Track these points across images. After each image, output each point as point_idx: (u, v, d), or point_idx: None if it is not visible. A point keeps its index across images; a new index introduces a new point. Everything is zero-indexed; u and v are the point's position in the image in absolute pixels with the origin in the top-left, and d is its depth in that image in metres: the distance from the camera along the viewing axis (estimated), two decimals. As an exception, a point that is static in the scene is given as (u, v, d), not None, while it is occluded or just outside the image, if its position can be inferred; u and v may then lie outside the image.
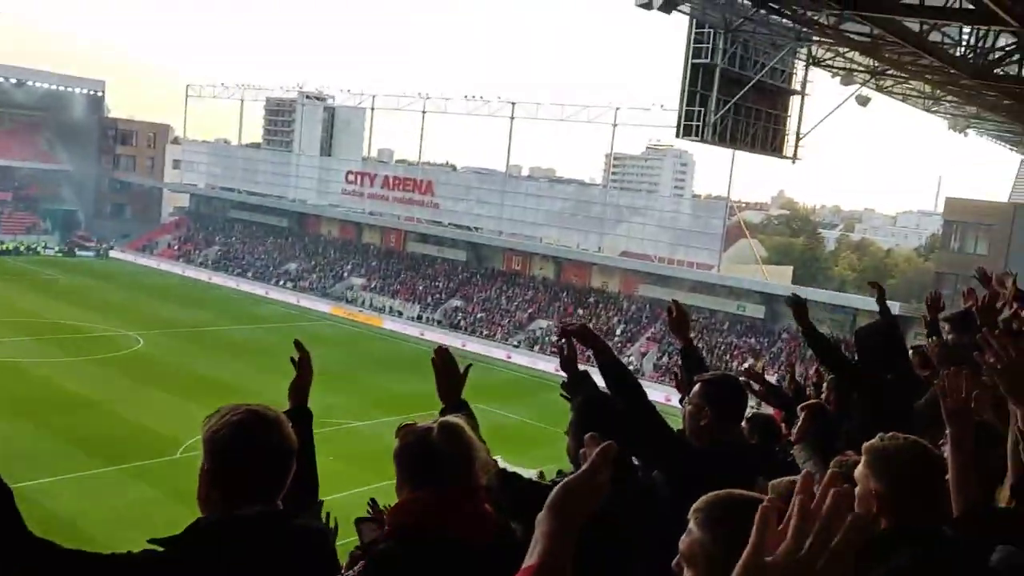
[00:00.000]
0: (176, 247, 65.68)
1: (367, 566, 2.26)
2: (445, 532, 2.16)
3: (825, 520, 1.00)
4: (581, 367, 3.55)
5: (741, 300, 43.99)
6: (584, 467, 1.38)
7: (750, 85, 27.24)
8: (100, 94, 72.91)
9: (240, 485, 2.05)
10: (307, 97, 73.98)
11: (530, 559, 1.29)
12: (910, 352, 5.68)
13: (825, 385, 5.62)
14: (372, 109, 61.91)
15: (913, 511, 2.09)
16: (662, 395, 36.27)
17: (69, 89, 69.68)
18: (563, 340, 3.57)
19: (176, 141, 76.05)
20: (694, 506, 1.53)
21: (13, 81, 66.35)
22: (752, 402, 4.57)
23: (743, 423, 4.32)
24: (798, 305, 4.70)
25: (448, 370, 3.10)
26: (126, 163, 73.98)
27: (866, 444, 2.23)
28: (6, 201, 64.95)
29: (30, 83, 67.19)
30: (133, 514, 19.27)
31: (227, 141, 77.96)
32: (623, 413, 3.23)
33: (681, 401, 4.48)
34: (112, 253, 64.41)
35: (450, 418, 2.34)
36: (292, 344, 3.11)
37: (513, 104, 53.02)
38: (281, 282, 57.64)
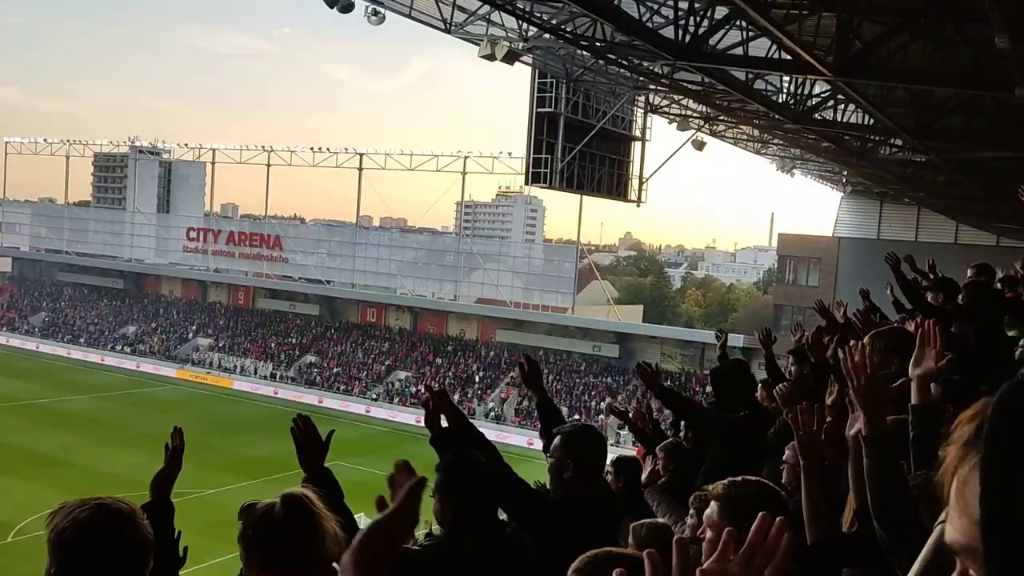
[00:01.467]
0: (-3, 315, 60.43)
1: None
2: None
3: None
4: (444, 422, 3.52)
5: (596, 341, 45.22)
6: (392, 506, 1.30)
7: (593, 132, 28.48)
8: (-97, 152, 66.46)
9: None
10: (140, 151, 70.45)
11: None
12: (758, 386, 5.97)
13: (684, 424, 5.76)
14: (212, 163, 59.87)
15: None
16: (524, 439, 36.61)
17: None
18: (427, 396, 3.55)
19: (-6, 201, 70.25)
20: (572, 565, 1.58)
21: None
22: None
23: (608, 466, 4.35)
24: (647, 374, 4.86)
25: (309, 439, 2.95)
26: (-65, 226, 67.51)
27: (715, 490, 2.27)
28: None
29: None
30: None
31: (52, 200, 72.80)
32: (488, 472, 3.19)
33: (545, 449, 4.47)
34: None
35: (295, 490, 2.23)
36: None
37: (361, 155, 52.76)
38: (118, 347, 54.04)
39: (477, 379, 45.83)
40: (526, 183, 31.26)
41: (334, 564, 2.21)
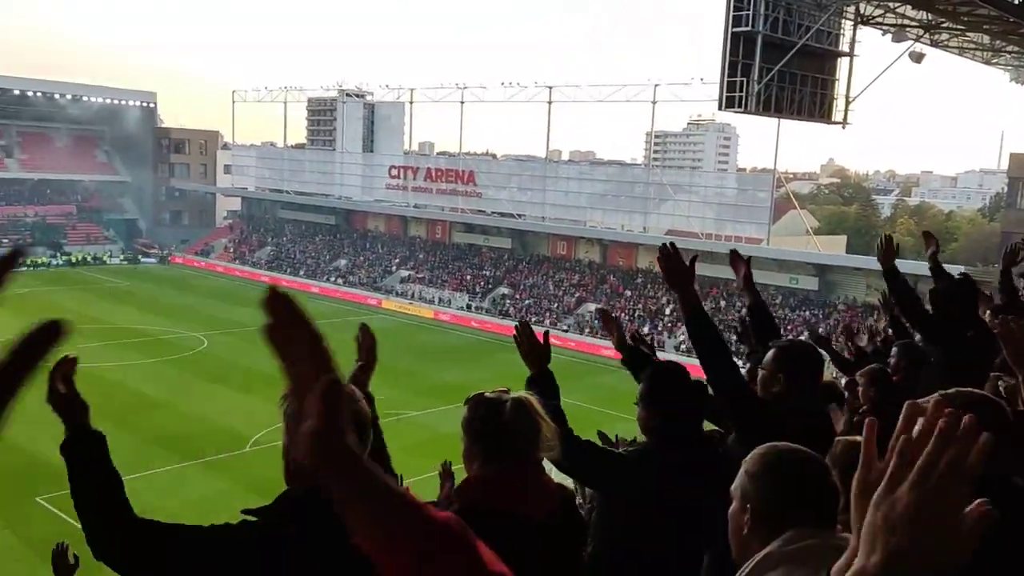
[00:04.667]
0: (231, 249, 66.98)
1: None
2: (508, 508, 2.24)
3: (937, 445, 0.93)
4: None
5: (793, 273, 43.22)
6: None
7: (794, 50, 26.65)
8: (152, 105, 74.51)
9: None
10: (347, 95, 74.62)
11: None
12: (987, 311, 5.47)
13: (895, 351, 5.32)
14: (411, 103, 62.22)
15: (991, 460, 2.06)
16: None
17: (122, 102, 71.32)
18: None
19: (226, 146, 77.35)
20: (747, 463, 1.68)
21: (68, 97, 68.18)
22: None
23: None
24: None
25: (529, 341, 3.17)
26: (180, 171, 75.38)
27: (937, 399, 2.19)
28: (71, 213, 66.98)
29: (84, 98, 68.92)
30: (208, 506, 19.80)
31: (273, 143, 79.12)
32: (694, 381, 3.25)
33: (748, 356, 4.43)
34: (172, 258, 66.09)
35: (521, 394, 2.41)
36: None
37: (550, 88, 52.76)
38: (332, 279, 58.41)
39: (667, 312, 45.42)
40: (719, 108, 29.85)
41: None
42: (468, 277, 53.98)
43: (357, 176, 63.41)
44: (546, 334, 3.23)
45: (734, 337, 9.39)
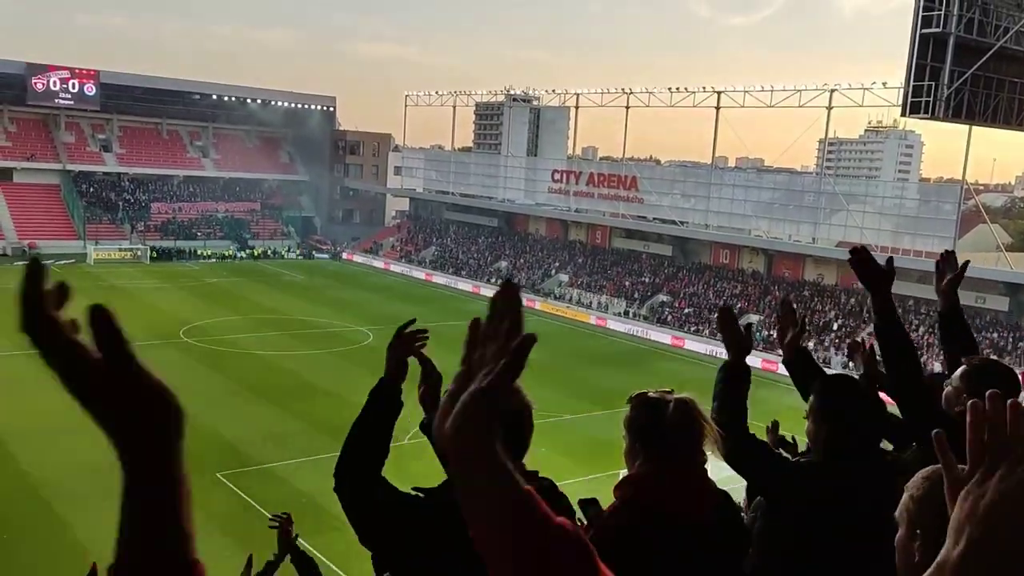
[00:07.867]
0: (399, 248, 69.87)
1: (592, 538, 2.35)
2: (667, 507, 2.27)
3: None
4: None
5: (980, 291, 39.81)
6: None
7: (991, 52, 24.69)
8: (331, 109, 79.16)
9: None
10: (513, 99, 76.07)
11: None
12: None
13: None
14: (576, 108, 62.50)
15: None
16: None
17: (305, 106, 76.38)
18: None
19: (396, 149, 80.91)
20: (912, 488, 1.60)
21: (258, 101, 73.80)
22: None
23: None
24: None
25: (732, 328, 3.23)
26: (354, 171, 79.58)
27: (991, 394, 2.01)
28: (255, 210, 72.41)
29: (273, 103, 74.39)
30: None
31: (441, 146, 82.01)
32: (867, 394, 3.12)
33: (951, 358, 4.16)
34: (344, 255, 69.87)
35: (684, 395, 2.43)
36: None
37: (719, 93, 51.42)
38: (493, 280, 59.58)
39: (835, 327, 43.16)
40: (903, 114, 28.15)
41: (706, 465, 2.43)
42: (627, 283, 53.60)
43: (520, 180, 64.43)
44: (748, 327, 3.19)
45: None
